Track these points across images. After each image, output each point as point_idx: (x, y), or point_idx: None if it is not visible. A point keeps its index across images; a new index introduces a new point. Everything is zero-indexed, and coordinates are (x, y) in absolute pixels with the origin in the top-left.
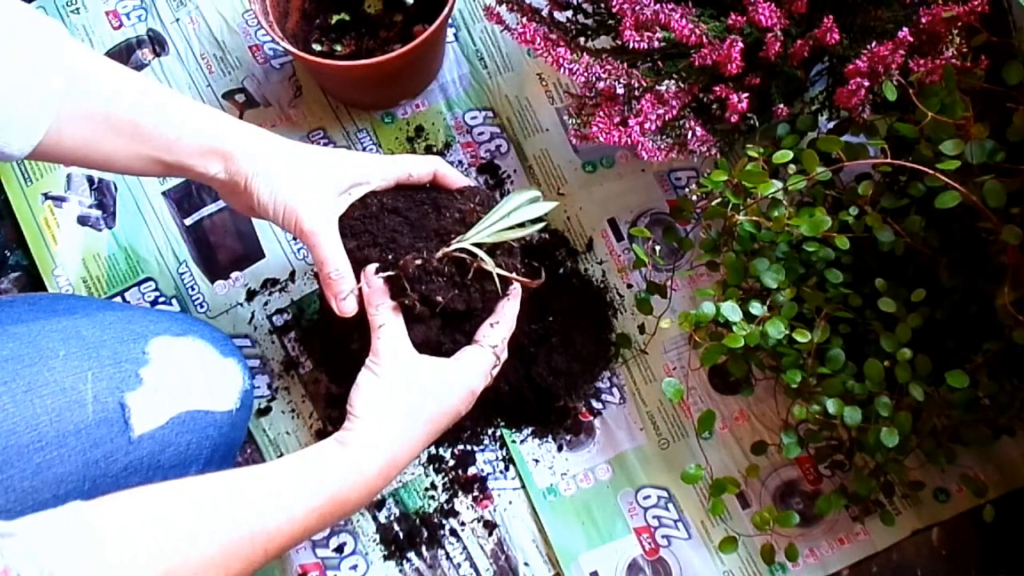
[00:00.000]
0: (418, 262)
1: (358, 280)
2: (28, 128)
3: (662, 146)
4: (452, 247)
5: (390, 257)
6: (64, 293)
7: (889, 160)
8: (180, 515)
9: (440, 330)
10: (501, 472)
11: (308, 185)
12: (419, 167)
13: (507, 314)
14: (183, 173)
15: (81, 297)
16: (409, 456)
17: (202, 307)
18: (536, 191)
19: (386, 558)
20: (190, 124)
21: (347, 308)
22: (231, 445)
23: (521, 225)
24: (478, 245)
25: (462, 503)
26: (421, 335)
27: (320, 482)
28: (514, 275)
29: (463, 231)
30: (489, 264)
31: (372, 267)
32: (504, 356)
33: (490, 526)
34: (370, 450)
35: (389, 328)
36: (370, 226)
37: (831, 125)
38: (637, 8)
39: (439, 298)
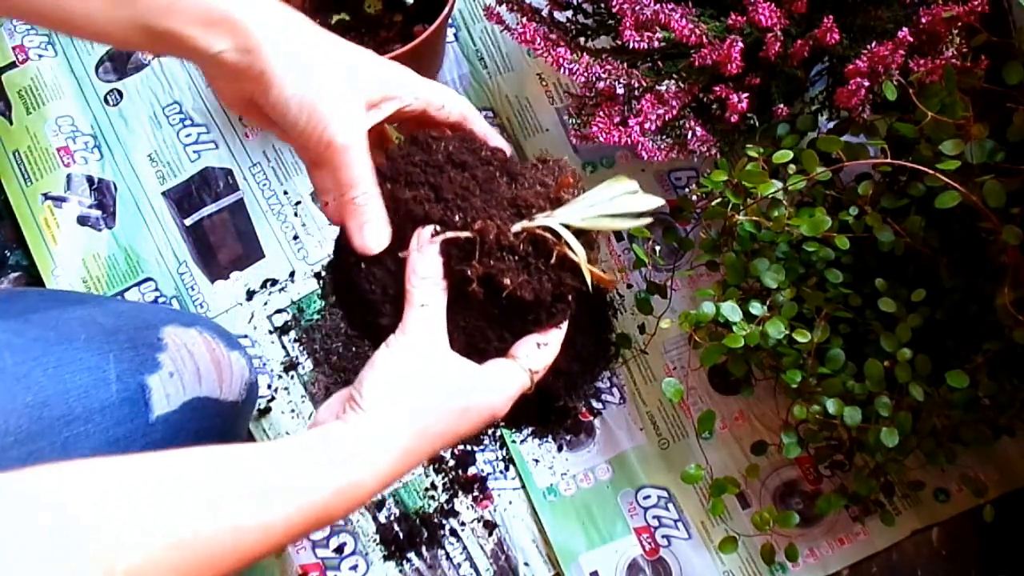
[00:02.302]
0: (497, 231)
1: (395, 231)
2: None
3: (662, 146)
4: (536, 222)
5: (456, 218)
6: (85, 293)
7: (889, 160)
8: (132, 512)
9: (490, 323)
10: (501, 472)
11: (340, 86)
12: (452, 102)
13: (555, 339)
14: (173, 47)
15: (92, 294)
16: (413, 465)
17: (202, 307)
18: (634, 183)
19: (386, 558)
20: None
21: (372, 241)
22: (234, 439)
23: (622, 217)
24: (566, 227)
25: (462, 503)
26: (465, 324)
27: (310, 489)
28: (602, 274)
29: (547, 208)
30: (580, 255)
31: (429, 228)
32: (539, 375)
33: (490, 526)
34: (378, 446)
35: (431, 310)
36: (433, 176)
37: (831, 125)
38: (637, 8)
39: (507, 280)
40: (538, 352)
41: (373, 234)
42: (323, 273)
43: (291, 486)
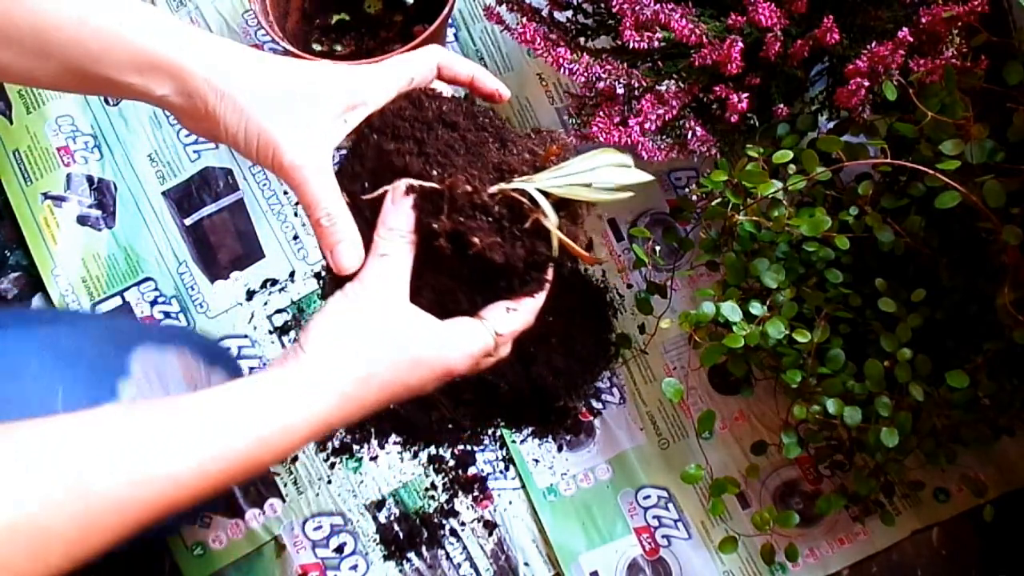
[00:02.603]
0: (469, 188)
1: (376, 182)
2: None
3: (662, 146)
4: (512, 184)
5: (434, 172)
6: (63, 309)
7: (889, 160)
8: (19, 466)
9: (460, 285)
10: (501, 472)
11: (290, 108)
12: (420, 67)
13: (526, 307)
14: (115, 91)
15: (70, 310)
16: (357, 414)
17: (202, 307)
18: (627, 156)
19: (386, 558)
20: (124, 28)
21: (345, 262)
22: None
23: (605, 189)
24: (544, 194)
25: (462, 503)
26: (435, 282)
27: (229, 432)
28: (575, 244)
29: (530, 174)
30: (551, 220)
31: (405, 182)
32: (503, 353)
33: (490, 526)
34: (315, 390)
35: (392, 260)
36: (420, 132)
37: (831, 125)
38: (637, 8)
39: (475, 239)
40: (506, 316)
41: (343, 256)
42: (323, 273)
43: (202, 437)
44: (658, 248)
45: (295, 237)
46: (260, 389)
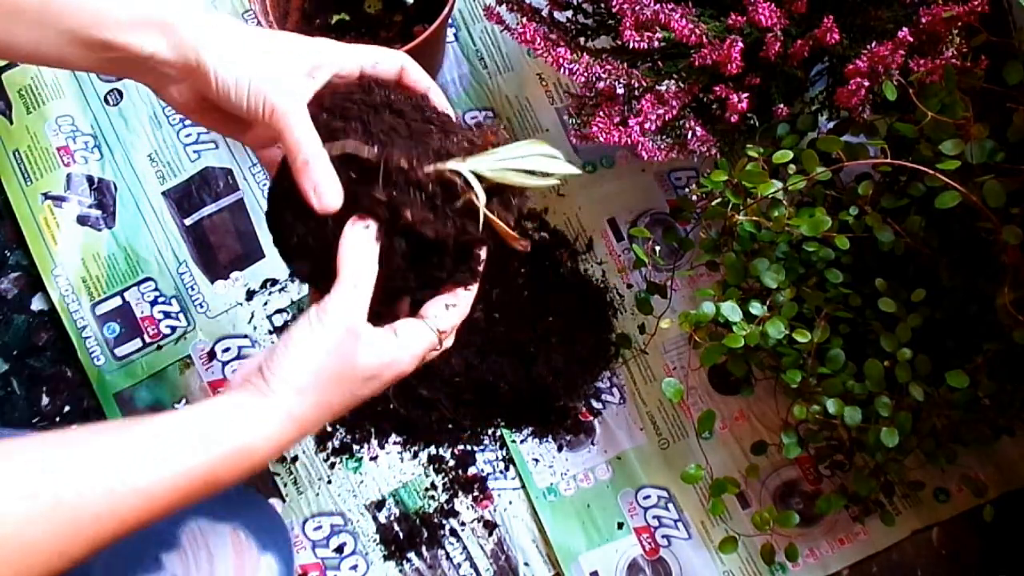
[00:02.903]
0: (404, 163)
1: None
2: None
3: (662, 146)
4: (447, 165)
5: (376, 149)
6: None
7: (889, 160)
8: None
9: (407, 264)
10: (501, 472)
11: (272, 62)
12: (385, 58)
13: (463, 300)
14: (112, 58)
15: None
16: (311, 432)
17: (202, 307)
18: (554, 151)
19: (386, 558)
20: None
21: (328, 200)
22: None
23: (531, 173)
24: (478, 178)
25: (462, 503)
26: (386, 263)
27: (196, 452)
28: (502, 224)
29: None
30: (479, 197)
31: (365, 222)
32: (447, 345)
33: (490, 526)
34: (276, 414)
35: (359, 291)
36: (367, 115)
37: (831, 125)
38: (637, 8)
39: (407, 213)
40: (446, 313)
41: (325, 193)
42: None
43: (173, 453)
44: (658, 248)
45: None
46: (220, 411)
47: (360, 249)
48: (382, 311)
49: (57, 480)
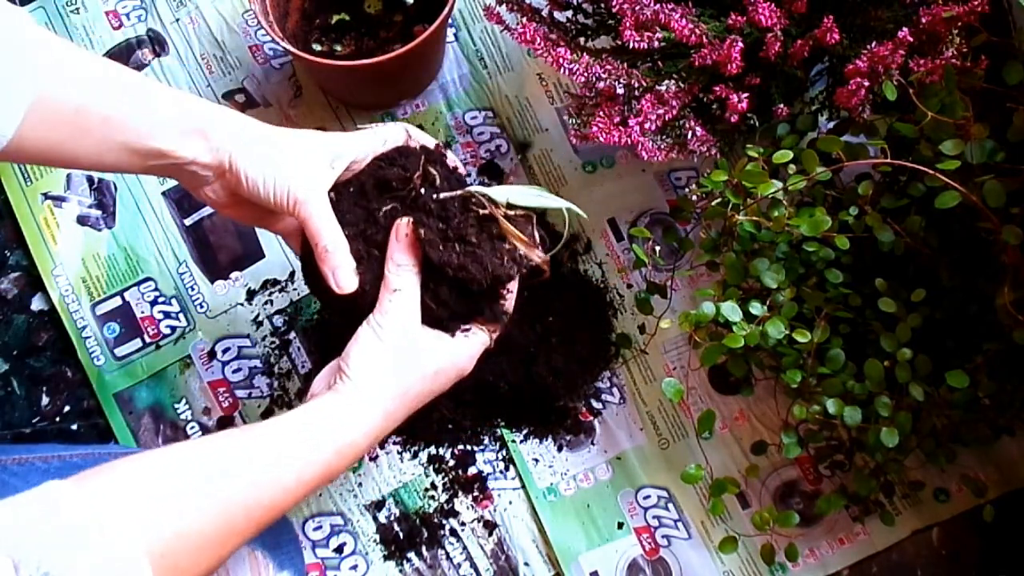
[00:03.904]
0: (444, 194)
1: (361, 253)
2: (2, 119)
3: (662, 146)
4: (473, 189)
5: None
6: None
7: (889, 160)
8: (172, 485)
9: (452, 293)
10: (501, 472)
11: (296, 157)
12: (392, 134)
13: (508, 304)
14: (158, 163)
15: None
16: (401, 415)
17: (202, 307)
18: (543, 189)
19: (386, 558)
20: (164, 107)
21: (346, 283)
22: None
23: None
24: (493, 203)
25: (462, 503)
26: (434, 290)
27: (314, 447)
28: (517, 232)
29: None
30: (500, 211)
31: (407, 220)
32: (496, 334)
33: (490, 526)
34: (366, 409)
35: (406, 294)
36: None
37: (831, 125)
38: (637, 8)
39: (442, 259)
40: (492, 316)
41: (343, 278)
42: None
43: (298, 450)
44: (658, 248)
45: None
46: (330, 411)
47: (400, 257)
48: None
49: (220, 482)
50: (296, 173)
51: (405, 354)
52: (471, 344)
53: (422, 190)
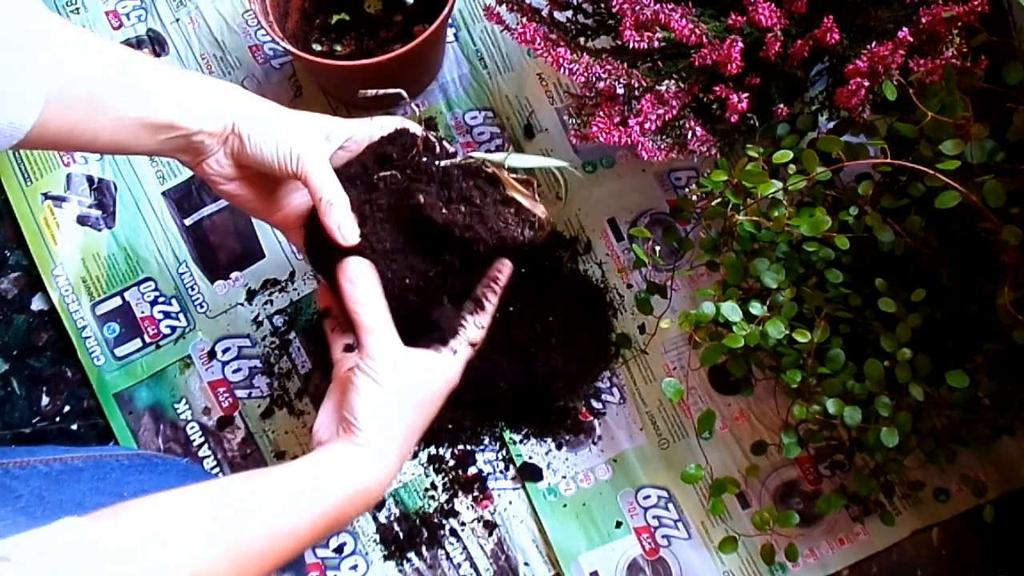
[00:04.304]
0: (445, 162)
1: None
2: (22, 108)
3: (662, 146)
4: (480, 154)
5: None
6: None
7: (889, 160)
8: (185, 530)
9: (421, 275)
10: (501, 472)
11: (297, 125)
12: (388, 124)
13: (489, 300)
14: (168, 136)
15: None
16: (409, 449)
17: (202, 307)
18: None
19: (386, 558)
20: (173, 81)
21: (349, 234)
22: None
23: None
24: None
25: (462, 503)
26: (399, 281)
27: (327, 496)
28: (520, 187)
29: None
30: (505, 173)
31: (355, 260)
32: (478, 341)
33: (490, 526)
34: (378, 459)
35: (381, 331)
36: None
37: (831, 125)
38: (637, 8)
39: (420, 197)
40: (476, 330)
41: (347, 230)
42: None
43: (312, 497)
44: (658, 248)
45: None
46: (338, 462)
47: (362, 297)
48: (417, 337)
49: (233, 526)
50: (300, 136)
51: (404, 392)
52: (457, 360)
53: (423, 159)
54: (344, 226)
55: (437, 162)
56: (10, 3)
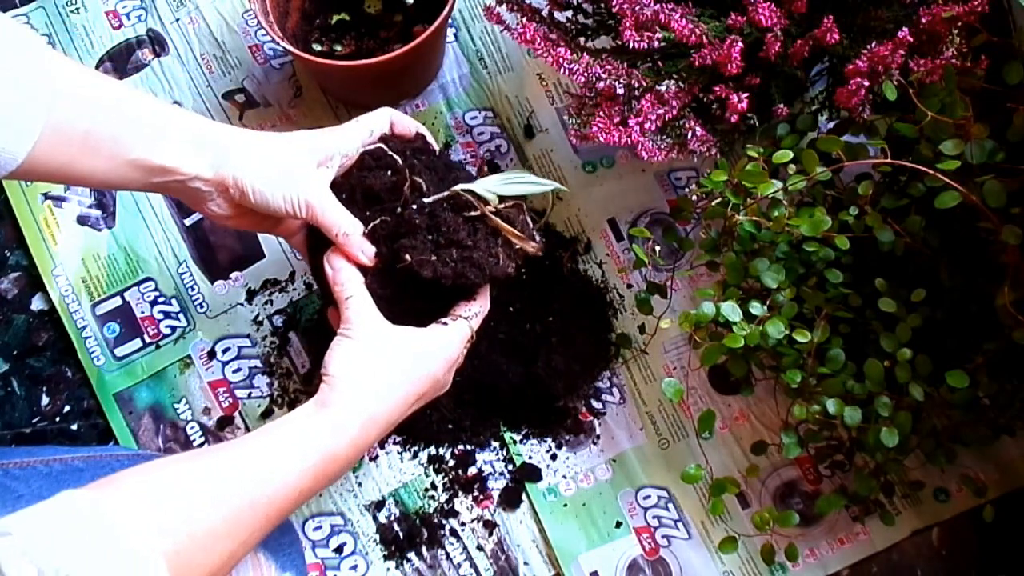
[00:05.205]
0: (423, 185)
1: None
2: (16, 139)
3: (662, 146)
4: (455, 188)
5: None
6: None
7: (889, 160)
8: (179, 490)
9: (424, 300)
10: (501, 472)
11: (296, 164)
12: (377, 122)
13: (482, 292)
14: (162, 180)
15: None
16: (390, 414)
17: (202, 307)
18: (535, 176)
19: (386, 558)
20: (167, 124)
21: (367, 259)
22: None
23: (520, 186)
24: (481, 199)
25: (462, 503)
26: (404, 303)
27: (308, 443)
28: (507, 226)
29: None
30: (491, 207)
31: (335, 253)
32: (476, 325)
33: (490, 526)
34: (349, 408)
35: (357, 299)
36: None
37: (831, 125)
38: (637, 8)
39: (407, 256)
40: (467, 305)
41: (366, 255)
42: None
43: (293, 452)
44: (658, 248)
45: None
46: (312, 418)
47: (348, 273)
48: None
49: (224, 483)
50: (301, 177)
51: (380, 351)
52: (449, 331)
53: (413, 205)
54: (366, 250)
55: (423, 200)
56: (10, 38)
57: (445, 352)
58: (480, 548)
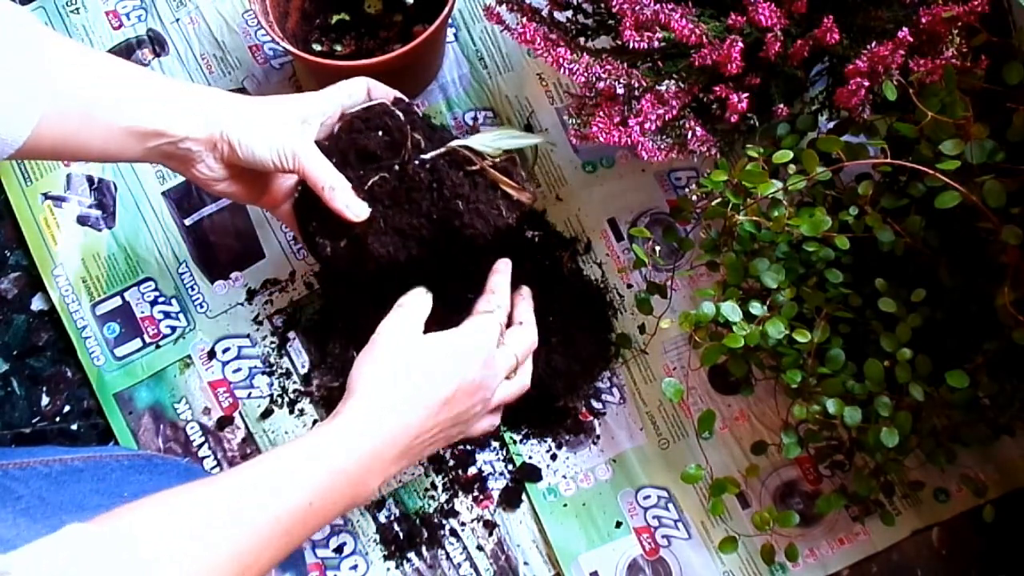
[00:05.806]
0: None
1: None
2: (17, 124)
3: (662, 146)
4: (449, 145)
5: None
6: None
7: (889, 160)
8: (197, 515)
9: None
10: (501, 472)
11: (278, 116)
12: (354, 88)
13: (497, 284)
14: (156, 144)
15: None
16: (408, 427)
17: (202, 307)
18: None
19: (386, 558)
20: (159, 90)
21: (359, 210)
22: None
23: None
24: (476, 153)
25: (462, 503)
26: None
27: (332, 458)
28: (503, 177)
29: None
30: (487, 161)
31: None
32: (526, 379)
33: (490, 526)
34: (358, 423)
35: (406, 310)
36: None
37: (831, 125)
38: (637, 8)
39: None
40: (486, 299)
41: (356, 207)
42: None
43: (308, 477)
44: (658, 248)
45: (295, 237)
46: (335, 432)
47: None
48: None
49: (226, 527)
50: (288, 131)
51: (410, 363)
52: (471, 327)
53: (415, 161)
54: (351, 206)
55: (422, 155)
56: (6, 19)
57: (479, 350)
58: (480, 548)
